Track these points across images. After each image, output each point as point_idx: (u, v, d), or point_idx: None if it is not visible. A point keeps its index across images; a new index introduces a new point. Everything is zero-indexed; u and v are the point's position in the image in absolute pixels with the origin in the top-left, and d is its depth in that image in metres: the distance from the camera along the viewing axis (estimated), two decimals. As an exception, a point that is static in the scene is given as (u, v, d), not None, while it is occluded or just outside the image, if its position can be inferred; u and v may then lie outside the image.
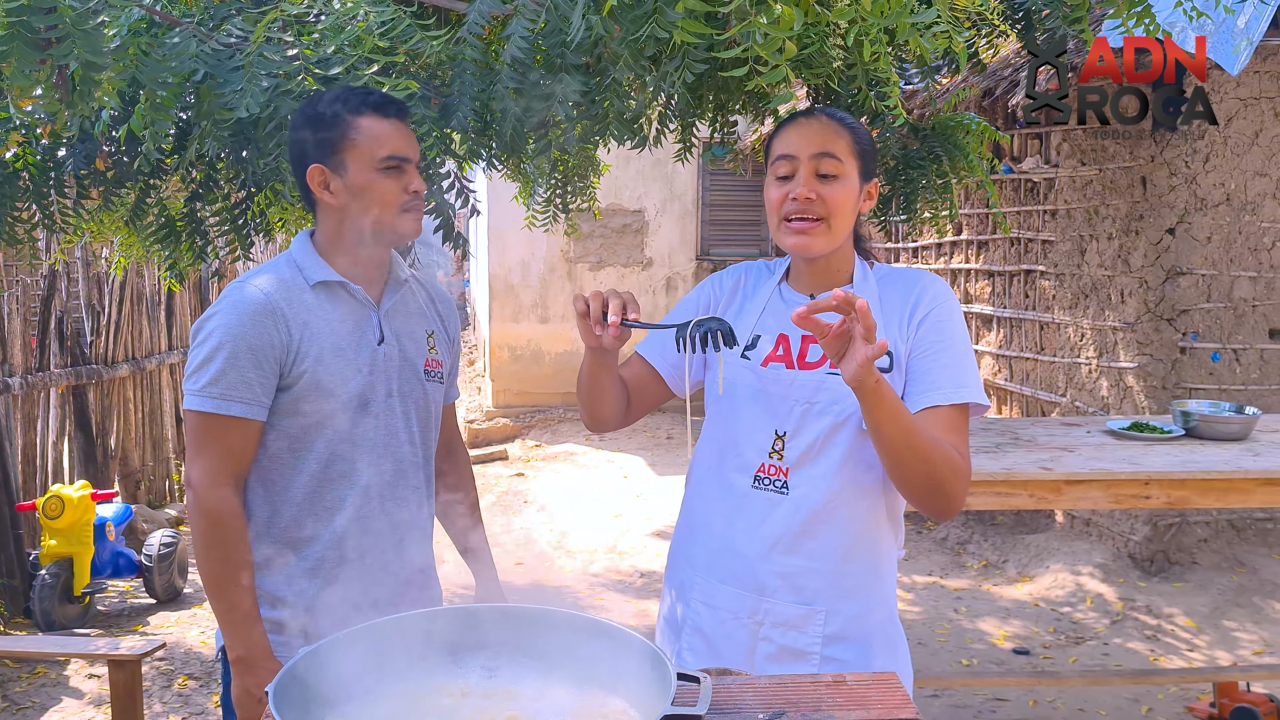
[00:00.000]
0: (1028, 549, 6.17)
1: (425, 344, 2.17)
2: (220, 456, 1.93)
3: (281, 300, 1.97)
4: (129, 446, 6.78)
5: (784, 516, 1.84)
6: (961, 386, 1.79)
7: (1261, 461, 3.27)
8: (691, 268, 10.72)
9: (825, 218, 1.83)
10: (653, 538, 6.78)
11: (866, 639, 1.86)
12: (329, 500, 2.01)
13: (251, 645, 1.92)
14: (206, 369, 1.92)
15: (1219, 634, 5.05)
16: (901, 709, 1.26)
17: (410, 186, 2.02)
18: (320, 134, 2.00)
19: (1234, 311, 5.60)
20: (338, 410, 1.99)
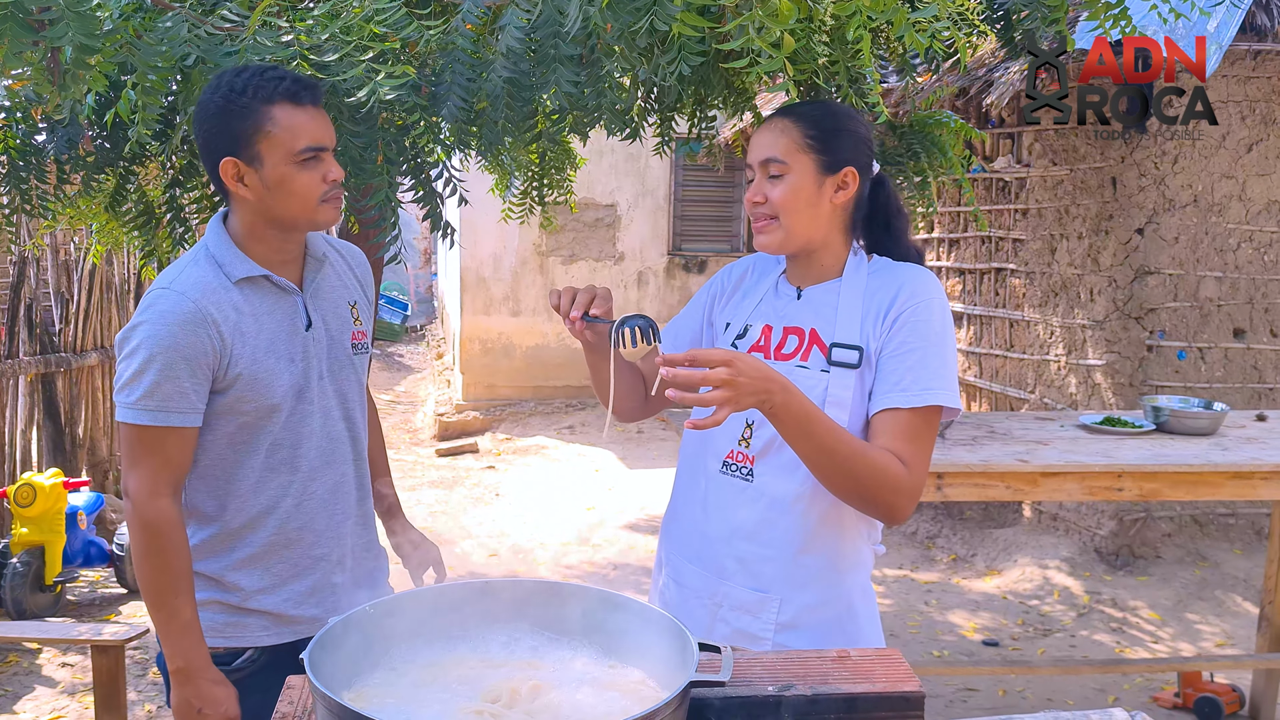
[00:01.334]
0: (996, 543, 6.26)
1: (350, 317, 2.17)
2: (158, 467, 1.91)
3: (209, 304, 1.93)
4: (97, 436, 6.72)
5: (746, 503, 1.87)
6: (926, 389, 1.77)
7: (1230, 455, 3.36)
8: (663, 263, 10.76)
9: (774, 216, 1.87)
10: (625, 530, 6.81)
11: (820, 630, 1.87)
12: (273, 487, 2.03)
13: (190, 656, 1.91)
14: (140, 382, 1.88)
15: (1182, 626, 5.16)
16: (906, 682, 1.30)
17: (329, 175, 1.96)
18: (232, 125, 1.92)
19: (1200, 311, 5.71)
20: (276, 406, 2.00)
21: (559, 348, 10.60)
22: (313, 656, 1.03)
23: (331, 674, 1.03)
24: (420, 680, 1.13)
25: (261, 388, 1.97)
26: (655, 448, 8.91)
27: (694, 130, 4.18)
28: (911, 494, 1.75)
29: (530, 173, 4.69)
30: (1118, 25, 3.27)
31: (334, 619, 1.11)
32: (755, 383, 1.56)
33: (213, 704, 1.92)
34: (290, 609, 2.06)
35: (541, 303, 10.55)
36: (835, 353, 1.83)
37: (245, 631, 2.04)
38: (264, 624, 2.05)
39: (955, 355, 1.88)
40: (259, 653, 2.05)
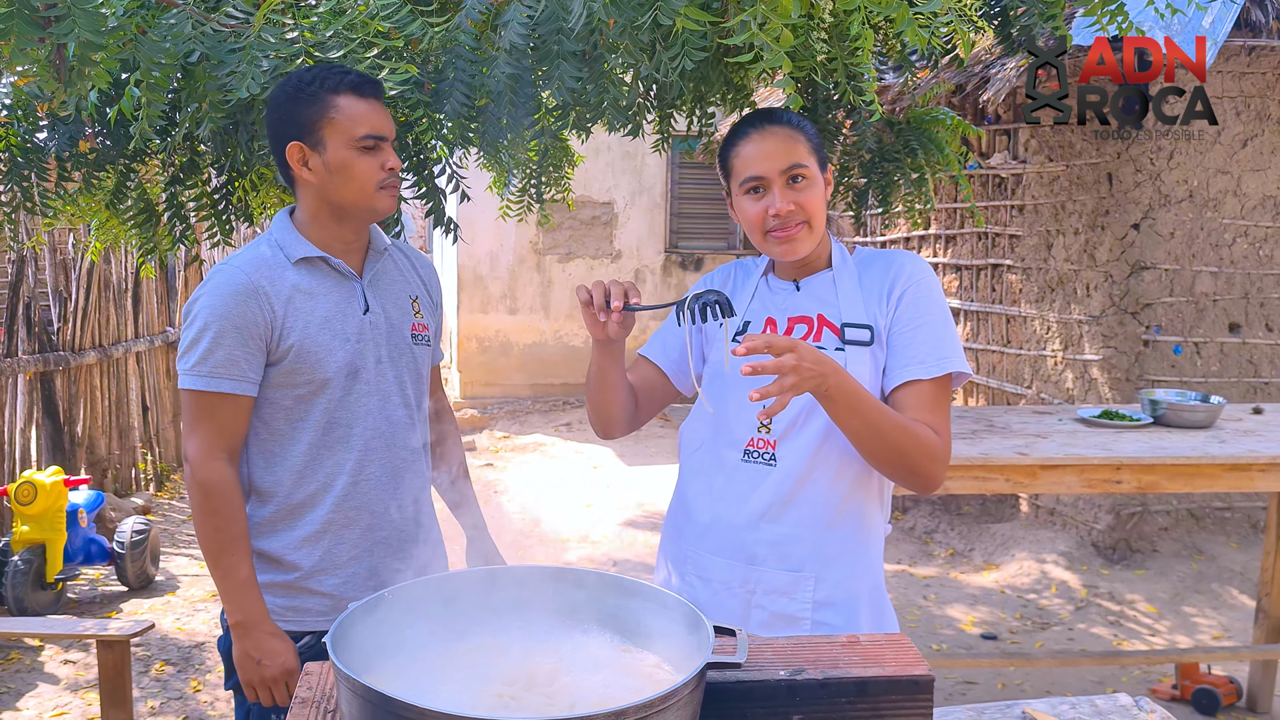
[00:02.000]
0: (993, 538, 6.28)
1: (410, 309, 2.26)
2: (213, 431, 2.02)
3: (263, 279, 2.05)
4: (96, 434, 6.72)
5: (771, 486, 1.91)
6: (941, 359, 1.87)
7: (1227, 448, 3.38)
8: (660, 260, 10.77)
9: (806, 221, 1.92)
10: (624, 527, 6.83)
11: (853, 604, 1.92)
12: (328, 467, 2.10)
13: (248, 611, 2.01)
14: (196, 348, 2.01)
15: (1179, 619, 5.19)
16: (915, 666, 1.32)
17: (387, 164, 2.09)
18: (299, 112, 2.07)
19: (1195, 306, 5.74)
20: (329, 380, 2.08)
21: (556, 345, 10.61)
22: (334, 641, 1.05)
23: (351, 659, 1.05)
24: (438, 664, 1.15)
25: (314, 361, 2.06)
26: (653, 444, 8.93)
27: (692, 128, 4.19)
28: (946, 461, 1.84)
29: (528, 170, 4.70)
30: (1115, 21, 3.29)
31: (352, 604, 1.13)
32: (815, 366, 1.64)
33: (271, 656, 2.01)
34: (350, 591, 2.12)
35: (538, 300, 10.56)
36: (848, 332, 1.91)
37: (304, 615, 2.11)
38: (323, 607, 2.12)
39: (954, 324, 1.96)
40: (316, 638, 2.10)
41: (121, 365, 7.04)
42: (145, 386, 7.36)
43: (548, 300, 10.61)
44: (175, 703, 4.06)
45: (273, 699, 2.06)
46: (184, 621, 4.93)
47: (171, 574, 5.65)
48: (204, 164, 3.60)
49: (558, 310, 10.60)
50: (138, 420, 7.20)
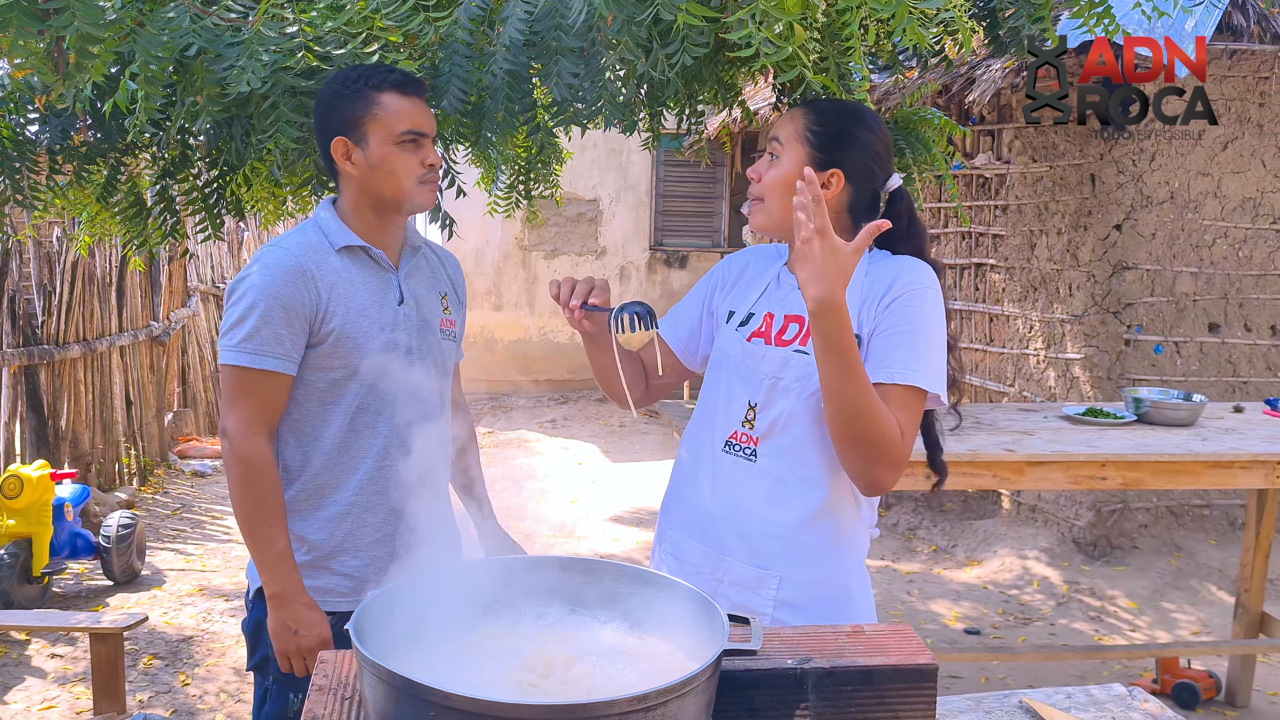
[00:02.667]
0: (976, 534, 6.34)
1: (440, 305, 2.33)
2: (254, 408, 2.08)
3: (310, 262, 2.12)
4: (79, 429, 6.69)
5: (750, 482, 1.92)
6: (908, 369, 1.80)
7: (1210, 445, 3.44)
8: (645, 257, 10.79)
9: (762, 197, 1.96)
10: (610, 523, 6.85)
11: (816, 608, 1.91)
12: (356, 449, 2.17)
13: (285, 582, 2.07)
14: (242, 326, 2.07)
15: (1159, 615, 5.25)
16: (919, 655, 1.34)
17: (427, 160, 2.17)
18: (344, 108, 2.14)
19: (1176, 306, 5.81)
20: (363, 365, 2.15)
21: (541, 341, 10.62)
22: (356, 628, 1.07)
23: (372, 646, 1.07)
24: (455, 651, 1.17)
25: (351, 346, 2.12)
26: (638, 441, 8.96)
27: (682, 125, 4.21)
28: (901, 459, 1.78)
29: (516, 166, 4.70)
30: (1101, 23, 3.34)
31: (372, 593, 1.15)
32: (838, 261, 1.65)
33: (308, 626, 2.07)
34: (370, 574, 2.18)
35: (524, 297, 10.57)
36: None
37: (325, 596, 2.16)
38: (344, 588, 2.18)
39: (944, 347, 1.89)
40: (336, 618, 2.15)
41: (105, 359, 7.01)
42: (129, 381, 7.33)
43: (533, 296, 10.61)
44: (164, 696, 4.06)
45: (305, 669, 2.11)
46: (172, 615, 4.93)
47: (157, 568, 5.64)
48: (195, 158, 3.60)
49: (543, 306, 10.61)
50: (121, 415, 7.17)
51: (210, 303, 9.00)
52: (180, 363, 8.48)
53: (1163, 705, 1.60)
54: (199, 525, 6.55)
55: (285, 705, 2.19)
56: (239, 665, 4.37)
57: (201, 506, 6.93)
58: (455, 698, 0.93)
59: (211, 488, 7.35)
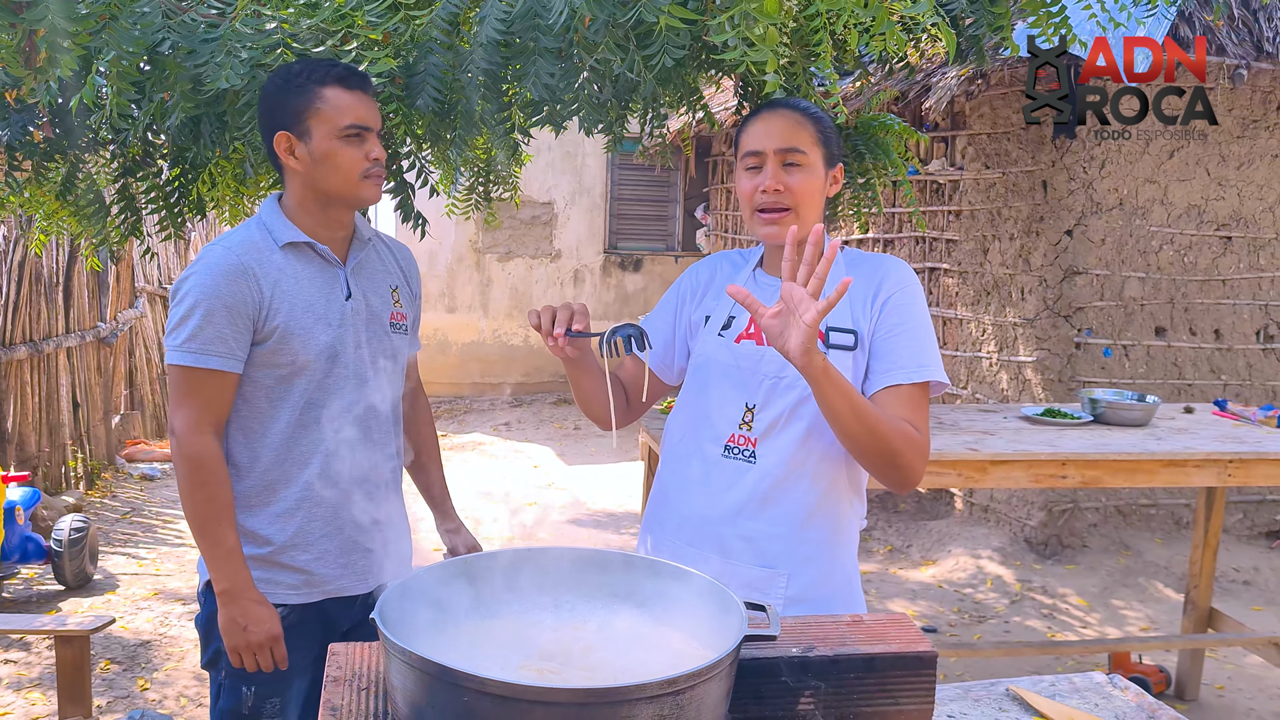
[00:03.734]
0: (930, 534, 6.44)
1: (390, 298, 2.33)
2: (200, 406, 2.09)
3: (252, 260, 2.12)
4: (25, 431, 6.56)
5: (750, 483, 1.94)
6: (922, 365, 1.89)
7: (1164, 445, 3.53)
8: (599, 260, 10.81)
9: (793, 207, 1.94)
10: (568, 525, 6.85)
11: (825, 602, 1.96)
12: (305, 445, 2.17)
13: (235, 579, 2.09)
14: (185, 325, 2.08)
15: (1109, 612, 5.37)
16: (918, 643, 1.38)
17: (371, 154, 2.16)
18: (287, 102, 2.14)
19: (1124, 310, 5.95)
20: (310, 362, 2.15)
21: (495, 344, 10.59)
22: (382, 616, 1.07)
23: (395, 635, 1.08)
24: (474, 640, 1.18)
25: (297, 343, 2.13)
26: (593, 443, 8.96)
27: (645, 128, 4.24)
28: (925, 458, 1.87)
29: (476, 168, 4.70)
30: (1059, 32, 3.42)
31: (393, 583, 1.16)
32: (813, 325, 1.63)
33: (257, 622, 2.09)
34: (320, 568, 2.20)
35: (478, 299, 10.53)
36: (832, 336, 1.92)
37: (276, 589, 2.17)
38: (295, 581, 2.19)
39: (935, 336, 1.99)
40: (288, 610, 2.17)
41: (52, 361, 6.88)
42: (76, 383, 7.19)
43: (487, 299, 10.58)
44: (122, 701, 3.99)
45: (256, 664, 2.12)
46: (128, 620, 4.84)
47: (110, 573, 5.54)
48: (157, 156, 3.56)
49: (497, 309, 10.58)
50: (68, 417, 7.04)
51: (158, 304, 8.86)
52: (128, 365, 8.33)
53: (1142, 692, 1.65)
54: (150, 529, 6.44)
55: (239, 700, 2.19)
56: (198, 669, 4.31)
57: (152, 510, 6.82)
58: (490, 683, 0.94)
59: (161, 491, 7.23)
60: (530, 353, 10.56)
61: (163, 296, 8.90)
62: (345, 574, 2.23)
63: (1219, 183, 5.99)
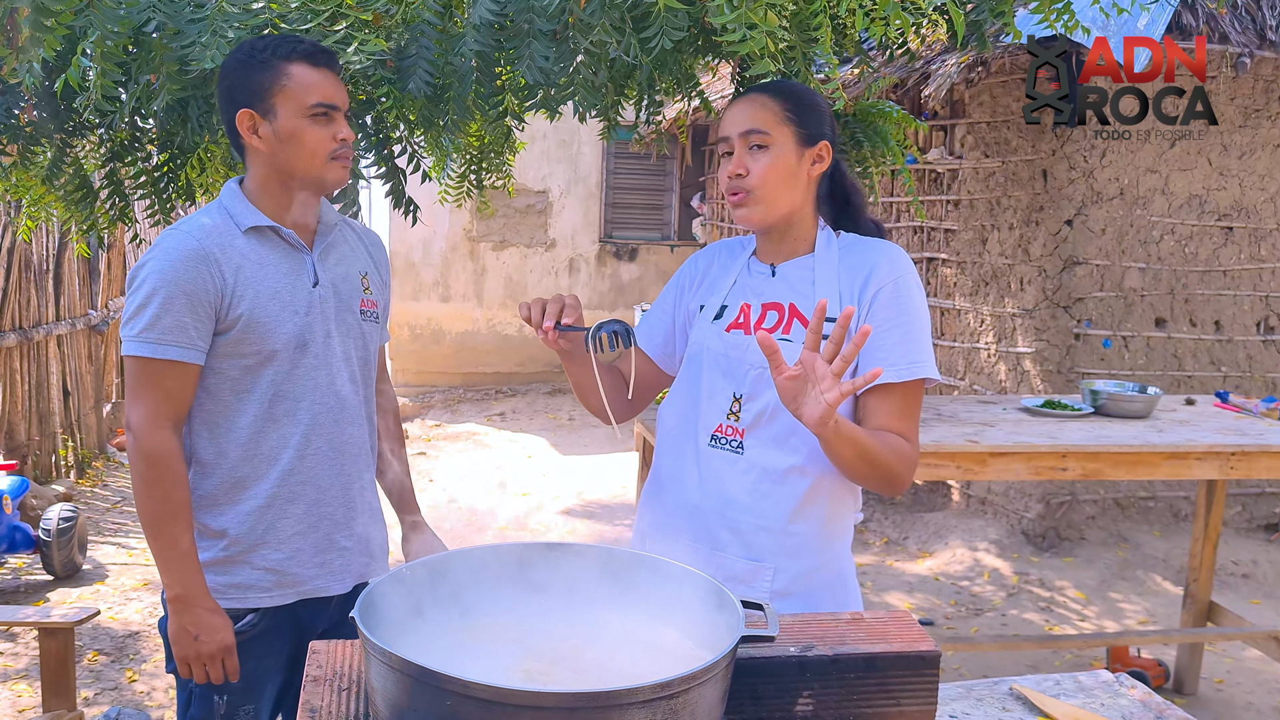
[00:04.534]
0: (927, 526, 6.40)
1: (359, 285, 2.24)
2: (159, 400, 1.98)
3: (214, 246, 2.01)
4: (15, 419, 6.50)
5: (738, 475, 1.89)
6: (912, 363, 1.83)
7: (1166, 437, 3.49)
8: (594, 250, 10.75)
9: (752, 189, 1.88)
10: (562, 515, 6.81)
11: (814, 597, 1.91)
12: (274, 440, 2.08)
13: (187, 584, 1.98)
14: (142, 314, 1.96)
15: (1106, 605, 5.34)
16: (921, 642, 1.33)
17: (339, 134, 2.06)
18: (251, 79, 2.03)
19: (1124, 301, 5.90)
20: (277, 351, 2.06)
21: (489, 334, 10.54)
22: (362, 615, 1.02)
23: (378, 634, 1.03)
24: (458, 640, 1.13)
25: (262, 332, 2.03)
26: (587, 434, 8.92)
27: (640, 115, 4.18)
28: (914, 467, 1.83)
29: (469, 155, 4.64)
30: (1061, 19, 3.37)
31: (375, 580, 1.11)
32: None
33: (209, 631, 1.98)
34: (294, 566, 2.10)
35: (472, 288, 10.47)
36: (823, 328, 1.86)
37: (247, 593, 2.08)
38: (266, 582, 2.09)
39: (929, 327, 1.93)
40: (259, 616, 2.08)
41: (42, 348, 6.81)
42: (66, 371, 7.13)
43: (481, 288, 10.52)
44: (110, 693, 3.95)
45: (207, 676, 2.02)
46: (117, 611, 4.80)
47: (99, 563, 5.49)
48: (145, 140, 3.51)
49: (491, 298, 10.52)
50: (58, 405, 6.98)
51: (151, 292, 8.79)
52: (119, 353, 8.26)
53: (1149, 691, 1.61)
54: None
55: (210, 708, 2.09)
56: (187, 661, 4.26)
57: (143, 500, 6.76)
58: (475, 686, 0.89)
59: (153, 481, 7.17)
60: (525, 343, 10.51)
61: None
62: (321, 573, 2.14)
63: (1220, 173, 5.94)
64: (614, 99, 4.08)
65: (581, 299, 10.22)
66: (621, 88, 3.94)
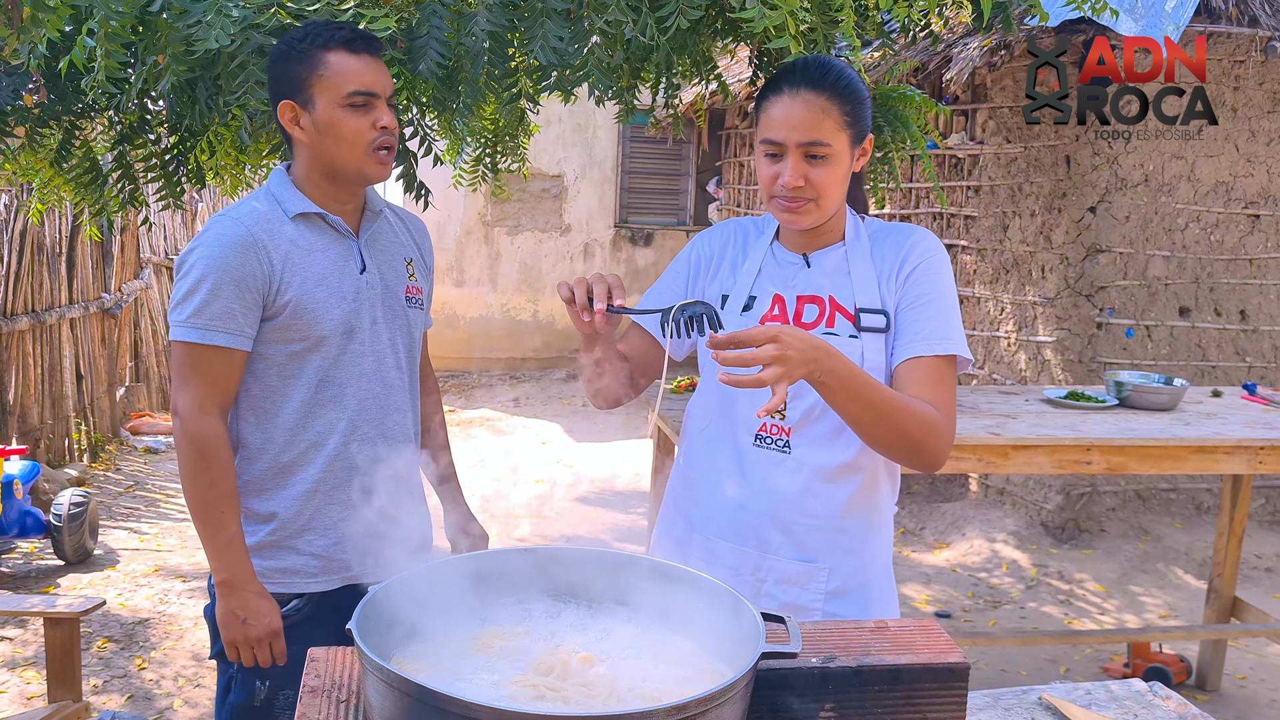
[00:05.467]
0: (944, 517, 6.33)
1: (405, 271, 2.23)
2: (205, 386, 1.99)
3: (262, 232, 2.01)
4: (28, 403, 6.48)
5: (786, 475, 1.83)
6: (945, 339, 1.80)
7: (1193, 430, 3.41)
8: (609, 235, 10.67)
9: (814, 199, 1.80)
10: (576, 503, 6.76)
11: (865, 593, 1.88)
12: (320, 425, 2.08)
13: (234, 568, 1.99)
14: (190, 300, 1.97)
15: (1127, 598, 5.26)
16: (948, 653, 1.27)
17: (379, 122, 2.03)
18: (291, 69, 2.02)
19: (1148, 289, 5.80)
20: (325, 337, 2.06)
21: (503, 319, 10.48)
22: (359, 626, 0.96)
23: (374, 646, 0.97)
24: (462, 651, 1.07)
25: (310, 318, 2.02)
26: (601, 421, 8.86)
27: (657, 99, 4.11)
28: (949, 438, 1.77)
29: (484, 139, 4.58)
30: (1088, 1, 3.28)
31: (374, 587, 1.05)
32: (804, 353, 1.52)
33: (256, 615, 1.99)
34: (339, 552, 2.10)
35: (486, 273, 10.41)
36: (864, 318, 1.82)
37: (293, 577, 2.09)
38: (312, 568, 2.10)
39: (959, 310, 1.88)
40: (305, 600, 2.09)
41: (55, 332, 6.79)
42: (79, 354, 7.11)
43: (495, 273, 10.46)
44: (119, 681, 3.92)
45: (254, 660, 2.03)
46: (126, 597, 4.77)
47: (110, 548, 5.47)
48: (155, 123, 3.46)
49: (505, 283, 10.46)
50: (71, 389, 6.96)
51: (164, 275, 8.77)
52: (132, 336, 8.24)
53: (1185, 701, 1.54)
54: (153, 503, 6.37)
55: (250, 693, 2.10)
56: (197, 649, 4.23)
57: (155, 484, 6.75)
58: (476, 707, 0.83)
59: (165, 465, 7.16)
60: (539, 328, 10.45)
61: (169, 267, 8.81)
62: (366, 560, 2.12)
63: (1248, 159, 5.82)
64: (630, 82, 4.01)
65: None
66: (638, 71, 3.87)
